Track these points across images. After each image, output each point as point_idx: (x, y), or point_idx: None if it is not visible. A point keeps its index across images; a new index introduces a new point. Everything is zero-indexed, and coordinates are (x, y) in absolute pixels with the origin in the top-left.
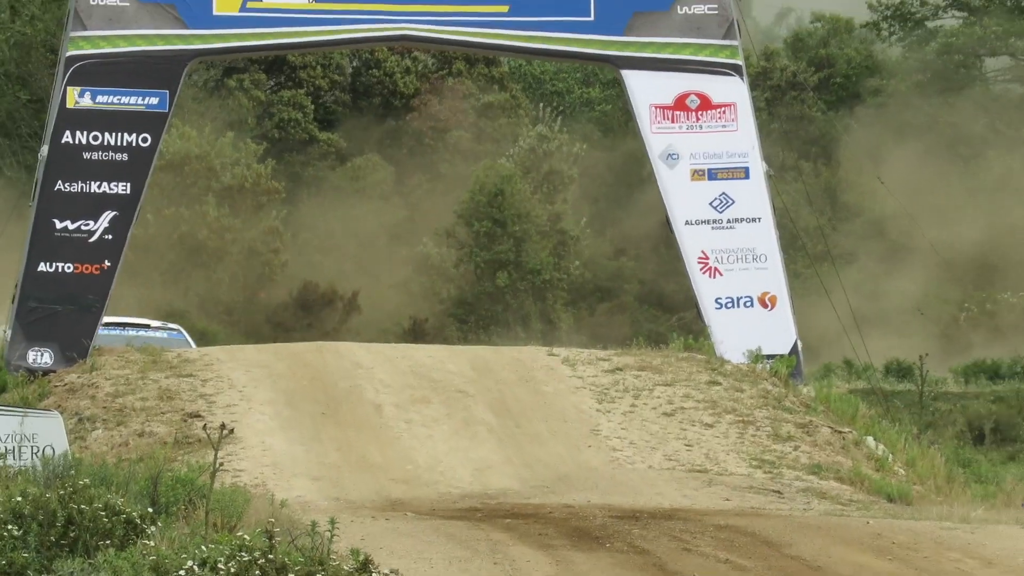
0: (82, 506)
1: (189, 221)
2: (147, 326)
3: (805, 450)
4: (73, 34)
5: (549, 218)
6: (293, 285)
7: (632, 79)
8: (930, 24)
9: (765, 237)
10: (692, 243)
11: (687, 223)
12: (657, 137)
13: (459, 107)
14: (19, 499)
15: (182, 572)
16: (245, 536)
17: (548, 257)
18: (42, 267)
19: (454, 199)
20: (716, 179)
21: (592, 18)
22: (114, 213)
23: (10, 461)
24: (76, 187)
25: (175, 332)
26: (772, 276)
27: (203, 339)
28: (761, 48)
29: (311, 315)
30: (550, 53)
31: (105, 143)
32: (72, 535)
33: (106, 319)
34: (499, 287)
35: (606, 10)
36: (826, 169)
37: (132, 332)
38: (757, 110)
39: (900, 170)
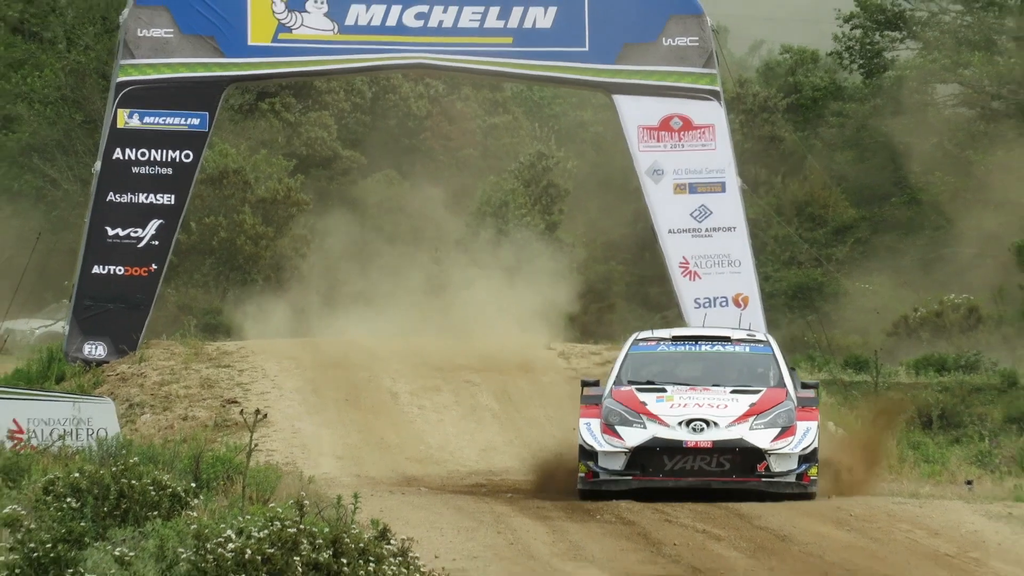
0: (133, 481)
1: (227, 229)
2: (727, 339)
3: None
4: (123, 62)
5: (547, 227)
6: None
7: (622, 103)
8: (888, 55)
9: (739, 244)
10: (674, 249)
11: (670, 232)
12: (644, 155)
13: (467, 128)
14: (77, 475)
15: (221, 539)
16: (278, 508)
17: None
18: (96, 269)
19: (463, 210)
20: (696, 192)
21: (587, 49)
22: (160, 221)
23: (68, 442)
24: (126, 198)
25: (761, 346)
26: (745, 279)
27: (238, 334)
28: (736, 76)
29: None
30: (549, 80)
31: (152, 159)
32: (124, 507)
33: (673, 332)
34: None
35: (599, 42)
36: (794, 183)
37: (707, 347)
38: (732, 131)
39: (859, 184)
